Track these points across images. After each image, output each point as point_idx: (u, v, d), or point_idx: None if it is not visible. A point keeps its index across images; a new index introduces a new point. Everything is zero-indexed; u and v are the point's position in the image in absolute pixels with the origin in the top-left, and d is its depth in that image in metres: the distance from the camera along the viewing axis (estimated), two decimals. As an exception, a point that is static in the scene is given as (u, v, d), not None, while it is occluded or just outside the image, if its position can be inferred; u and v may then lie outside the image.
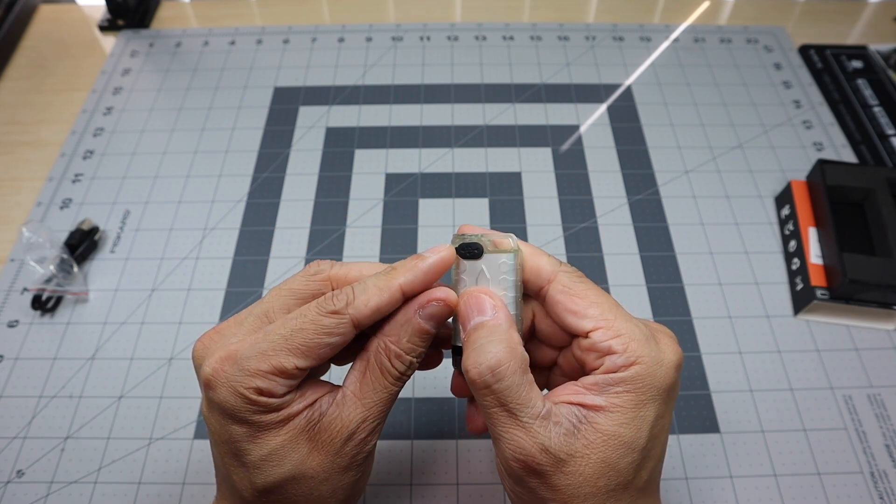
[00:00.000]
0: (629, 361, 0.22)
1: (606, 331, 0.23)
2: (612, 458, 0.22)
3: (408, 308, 0.24)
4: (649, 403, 0.22)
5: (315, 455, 0.23)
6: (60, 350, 0.41)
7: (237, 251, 0.46)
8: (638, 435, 0.22)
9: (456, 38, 0.61)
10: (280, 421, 0.23)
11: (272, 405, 0.23)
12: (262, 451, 0.23)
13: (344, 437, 0.23)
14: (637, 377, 0.22)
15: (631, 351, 0.22)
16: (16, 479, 0.36)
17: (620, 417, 0.22)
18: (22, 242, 0.43)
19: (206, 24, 0.63)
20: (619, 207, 0.48)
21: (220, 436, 0.24)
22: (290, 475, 0.23)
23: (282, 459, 0.23)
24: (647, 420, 0.22)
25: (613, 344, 0.23)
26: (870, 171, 0.45)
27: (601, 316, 0.23)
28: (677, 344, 0.24)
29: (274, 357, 0.22)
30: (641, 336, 0.23)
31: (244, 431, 0.23)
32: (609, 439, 0.22)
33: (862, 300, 0.41)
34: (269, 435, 0.23)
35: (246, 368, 0.22)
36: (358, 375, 0.24)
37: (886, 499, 0.35)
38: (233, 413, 0.23)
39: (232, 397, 0.22)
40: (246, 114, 0.55)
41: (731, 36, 0.61)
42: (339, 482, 0.24)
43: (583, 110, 0.55)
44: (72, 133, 0.53)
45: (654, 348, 0.23)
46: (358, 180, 0.50)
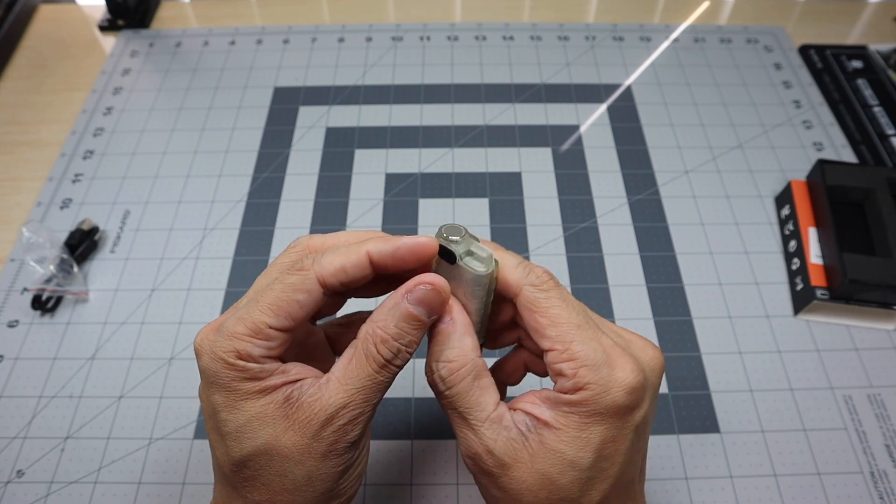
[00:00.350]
0: (576, 387, 0.23)
1: (560, 353, 0.23)
2: (552, 473, 0.23)
3: (396, 292, 0.24)
4: (594, 426, 0.23)
5: (291, 433, 0.23)
6: (60, 350, 0.41)
7: (237, 251, 0.46)
8: (580, 454, 0.23)
9: (456, 38, 0.61)
10: (258, 391, 0.23)
11: (250, 370, 0.23)
12: (238, 420, 0.23)
13: (322, 420, 0.23)
14: (582, 402, 0.22)
15: (579, 377, 0.22)
16: (16, 479, 0.36)
17: (564, 436, 0.23)
18: (22, 242, 0.43)
19: (206, 24, 0.63)
20: (619, 207, 0.48)
21: (206, 409, 0.24)
22: (264, 449, 0.23)
23: (256, 431, 0.23)
24: (592, 442, 0.23)
25: (563, 368, 0.23)
26: (870, 171, 0.45)
27: (558, 338, 0.23)
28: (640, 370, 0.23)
29: (247, 319, 0.23)
30: (593, 361, 0.23)
31: (223, 400, 0.23)
32: (550, 454, 0.23)
33: (862, 300, 0.41)
34: (247, 404, 0.23)
35: (225, 333, 0.23)
36: (344, 361, 0.24)
37: (886, 499, 0.35)
38: (214, 379, 0.23)
39: (213, 363, 0.23)
40: (246, 114, 0.55)
41: (731, 36, 0.61)
42: (316, 469, 0.23)
43: (583, 110, 0.55)
44: (72, 133, 0.53)
45: (604, 374, 0.22)
46: (358, 180, 0.50)
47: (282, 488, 0.23)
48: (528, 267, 0.25)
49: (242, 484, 0.24)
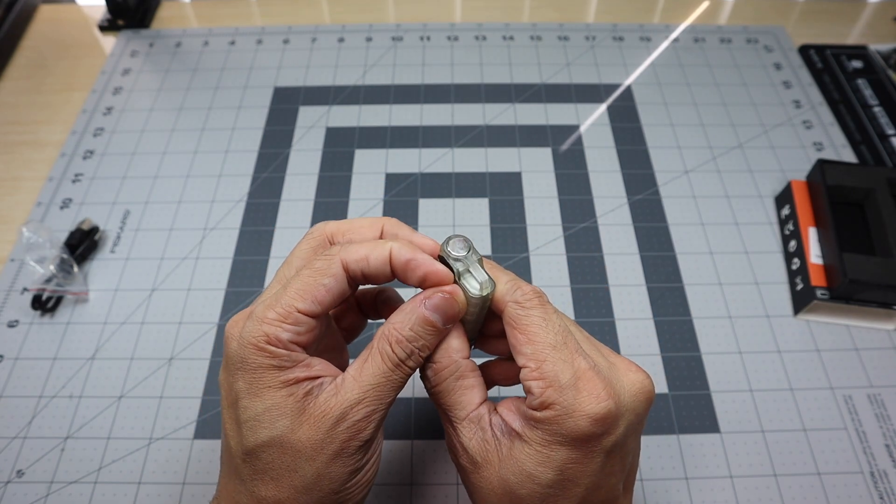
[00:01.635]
0: (542, 405, 0.23)
1: (531, 371, 0.24)
2: (512, 482, 0.24)
3: (416, 298, 0.25)
4: (556, 446, 0.23)
5: (305, 428, 0.23)
6: (60, 350, 0.41)
7: (237, 251, 0.46)
8: (539, 470, 0.23)
9: (456, 38, 0.61)
10: (281, 382, 0.23)
11: (278, 355, 0.23)
12: (257, 408, 0.23)
13: (336, 416, 0.23)
14: (545, 420, 0.23)
15: (546, 396, 0.23)
16: (16, 479, 0.36)
17: (528, 449, 0.23)
18: (22, 242, 0.43)
19: (206, 24, 0.63)
20: (619, 207, 0.48)
21: (227, 396, 0.24)
22: (276, 440, 0.23)
23: (272, 422, 0.23)
24: (554, 460, 0.23)
25: (532, 385, 0.23)
26: (870, 171, 0.45)
27: (532, 355, 0.24)
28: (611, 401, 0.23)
29: (277, 304, 0.23)
30: (560, 383, 0.23)
31: (246, 387, 0.23)
32: (513, 463, 0.24)
33: (862, 300, 0.41)
34: (269, 393, 0.23)
35: (256, 318, 0.23)
36: (360, 361, 0.25)
37: (886, 499, 0.35)
38: (241, 364, 0.23)
39: (241, 348, 0.23)
40: (246, 114, 0.55)
41: (730, 36, 0.61)
42: (325, 468, 0.23)
43: (583, 110, 0.55)
44: (72, 133, 0.53)
45: (568, 397, 0.23)
46: (358, 180, 0.50)
47: (290, 485, 0.23)
48: (516, 284, 0.25)
49: (252, 476, 0.24)
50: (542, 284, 0.44)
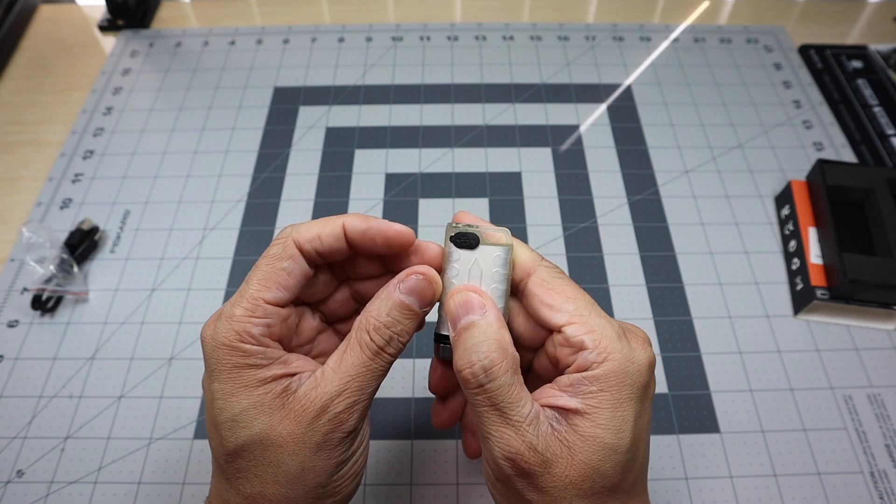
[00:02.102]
0: (601, 357, 0.22)
1: (580, 326, 0.23)
2: (595, 462, 0.22)
3: (389, 283, 0.25)
4: (626, 402, 0.22)
5: (286, 423, 0.23)
6: (60, 350, 0.41)
7: (237, 251, 0.46)
8: (619, 437, 0.22)
9: (456, 38, 0.61)
10: (258, 381, 0.23)
11: (252, 352, 0.23)
12: (234, 409, 0.23)
13: (317, 409, 0.23)
14: (610, 374, 0.22)
15: (602, 347, 0.23)
16: (16, 479, 0.36)
17: (599, 419, 0.22)
18: (22, 242, 0.43)
19: (206, 24, 0.63)
20: (619, 207, 0.48)
21: (208, 399, 0.24)
22: (258, 438, 0.23)
23: (251, 420, 0.23)
24: (628, 420, 0.22)
25: (586, 339, 0.23)
26: (870, 171, 0.45)
27: (576, 312, 0.23)
28: (650, 346, 0.24)
29: (241, 300, 0.23)
30: (613, 333, 0.23)
31: (222, 388, 0.23)
32: (590, 443, 0.22)
33: (862, 300, 0.41)
34: (244, 393, 0.23)
35: (226, 318, 0.23)
36: (339, 352, 0.24)
37: (886, 499, 0.35)
38: (216, 366, 0.23)
39: (215, 350, 0.23)
40: (246, 114, 0.55)
41: (730, 36, 0.61)
42: (309, 461, 0.23)
43: (583, 110, 0.55)
44: (72, 133, 0.53)
45: (625, 346, 0.23)
46: (358, 180, 0.50)
47: (274, 480, 0.23)
48: (540, 256, 0.26)
49: (236, 475, 0.24)
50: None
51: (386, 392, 0.39)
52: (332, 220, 0.25)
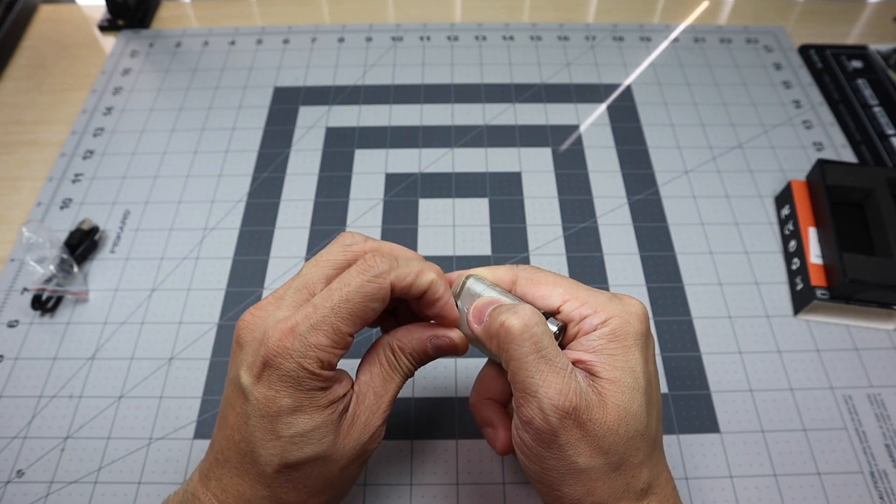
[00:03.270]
0: (603, 319, 0.25)
1: (574, 301, 0.26)
2: (624, 402, 0.24)
3: (424, 330, 0.28)
4: (633, 348, 0.25)
5: (343, 440, 0.25)
6: (60, 350, 0.41)
7: (237, 251, 0.46)
8: (635, 378, 0.25)
9: (456, 38, 0.61)
10: (327, 402, 0.25)
11: (329, 377, 0.25)
12: (303, 426, 0.24)
13: (362, 424, 0.26)
14: (616, 329, 0.25)
15: (602, 310, 0.26)
16: (16, 479, 0.36)
17: (615, 364, 0.25)
18: (22, 242, 0.43)
19: (206, 24, 0.63)
20: (619, 207, 0.48)
21: (266, 409, 0.24)
22: (321, 455, 0.25)
23: (321, 438, 0.25)
24: (638, 363, 0.25)
25: (583, 310, 0.26)
26: (870, 171, 0.45)
27: (565, 292, 0.26)
28: (640, 302, 0.27)
29: (329, 329, 0.24)
30: (606, 298, 0.26)
31: (292, 405, 0.24)
32: (615, 385, 0.24)
33: (862, 300, 0.41)
34: (315, 413, 0.24)
35: (307, 342, 0.24)
36: (367, 369, 0.27)
37: (886, 499, 0.35)
38: (295, 383, 0.24)
39: (297, 370, 0.24)
40: (246, 114, 0.55)
41: (730, 36, 0.61)
42: (349, 471, 0.26)
43: (583, 110, 0.55)
44: (72, 133, 0.53)
45: (619, 304, 0.26)
46: (358, 180, 0.50)
47: (319, 489, 0.25)
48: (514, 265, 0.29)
49: (283, 484, 0.25)
50: (542, 284, 0.44)
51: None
52: (424, 273, 0.26)
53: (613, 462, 0.24)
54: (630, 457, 0.24)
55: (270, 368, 0.24)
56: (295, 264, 0.45)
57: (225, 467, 0.26)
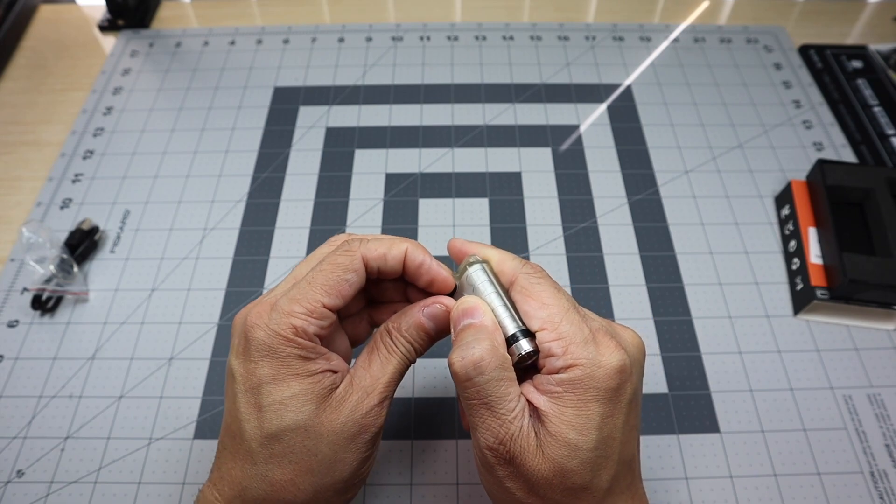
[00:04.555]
0: (567, 364, 0.24)
1: (550, 332, 0.25)
2: (560, 459, 0.23)
3: (415, 305, 0.28)
4: (591, 403, 0.23)
5: (328, 413, 0.25)
6: (60, 350, 0.41)
7: (237, 251, 0.46)
8: (583, 435, 0.23)
9: (456, 38, 0.61)
10: (307, 372, 0.25)
11: (305, 346, 0.25)
12: (281, 394, 0.24)
13: (353, 403, 0.25)
14: (575, 379, 0.24)
15: (569, 354, 0.24)
16: (16, 479, 0.36)
17: (563, 418, 0.23)
18: (22, 242, 0.43)
19: (206, 24, 0.63)
20: (619, 207, 0.48)
21: (248, 382, 0.25)
22: (301, 424, 0.24)
23: (300, 406, 0.24)
24: (592, 420, 0.23)
25: (553, 346, 0.24)
26: (870, 171, 0.45)
27: (548, 318, 0.25)
28: (623, 351, 0.24)
29: (303, 299, 0.25)
30: (581, 339, 0.24)
31: (272, 373, 0.25)
32: (555, 440, 0.23)
33: (862, 300, 0.41)
34: (295, 381, 0.25)
35: (282, 310, 0.25)
36: (365, 355, 0.27)
37: (886, 499, 0.35)
38: (268, 352, 0.25)
39: (270, 337, 0.25)
40: (246, 114, 0.55)
41: (730, 36, 0.61)
42: (342, 453, 0.25)
43: (583, 110, 0.55)
44: (72, 133, 0.53)
45: (592, 351, 0.24)
46: (358, 180, 0.50)
47: (308, 468, 0.25)
48: (522, 261, 0.27)
49: (268, 460, 0.25)
50: (542, 284, 0.44)
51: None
52: (396, 243, 0.27)
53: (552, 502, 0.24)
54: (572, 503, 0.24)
55: (249, 342, 0.25)
56: (295, 264, 0.45)
57: (223, 455, 0.26)
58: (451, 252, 0.29)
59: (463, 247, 0.28)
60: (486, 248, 0.28)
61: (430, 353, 0.41)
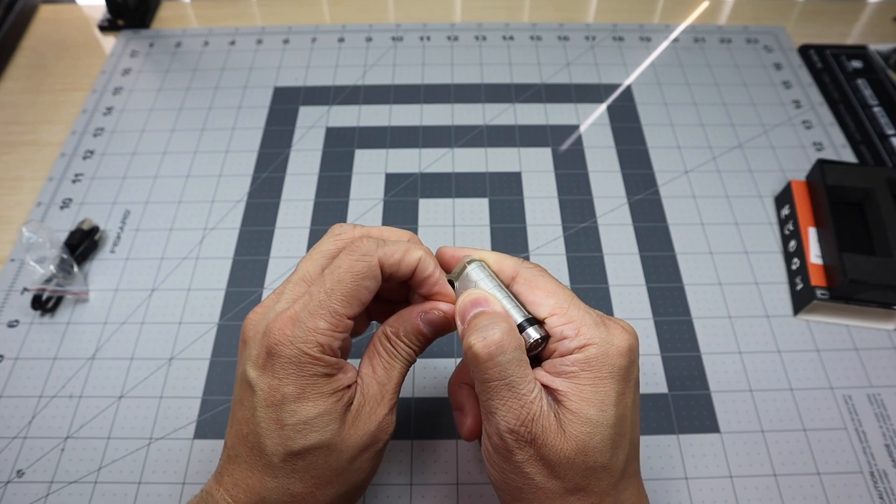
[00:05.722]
0: (581, 344, 0.24)
1: (560, 317, 0.25)
2: (582, 436, 0.24)
3: (413, 309, 0.28)
4: (607, 380, 0.24)
5: (348, 429, 0.25)
6: (60, 350, 0.41)
7: (237, 251, 0.46)
8: (602, 412, 0.24)
9: (456, 38, 0.61)
10: (331, 389, 0.25)
11: (331, 363, 0.25)
12: (308, 413, 0.24)
13: (367, 414, 0.26)
14: (591, 358, 0.24)
15: (582, 334, 0.25)
16: (16, 479, 0.36)
17: (583, 395, 0.24)
18: (22, 242, 0.43)
19: (206, 24, 0.63)
20: (619, 207, 0.48)
21: (271, 398, 0.25)
22: (326, 443, 0.25)
23: (325, 426, 0.24)
24: (610, 396, 0.24)
25: (565, 329, 0.25)
26: (869, 171, 0.45)
27: (556, 305, 0.25)
28: (629, 333, 0.25)
29: (326, 313, 0.25)
30: (592, 322, 0.25)
31: (295, 392, 0.24)
32: (576, 417, 0.24)
33: (862, 300, 0.41)
34: (320, 400, 0.25)
35: (307, 327, 0.24)
36: (367, 360, 0.27)
37: (886, 499, 0.35)
38: (296, 370, 0.24)
39: (296, 355, 0.24)
40: (246, 114, 0.55)
41: (730, 36, 0.61)
42: (357, 463, 0.26)
43: (583, 110, 0.55)
44: (72, 133, 0.53)
45: (603, 332, 0.25)
46: (358, 180, 0.50)
47: (327, 481, 0.25)
48: (521, 259, 0.28)
49: (290, 474, 0.25)
50: (542, 284, 0.44)
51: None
52: (412, 250, 0.26)
53: (570, 487, 0.24)
54: (590, 485, 0.24)
55: (273, 357, 0.24)
56: (295, 264, 0.45)
57: (236, 462, 0.26)
58: (442, 261, 0.29)
59: (455, 252, 0.29)
60: (480, 251, 0.28)
61: (431, 354, 0.41)
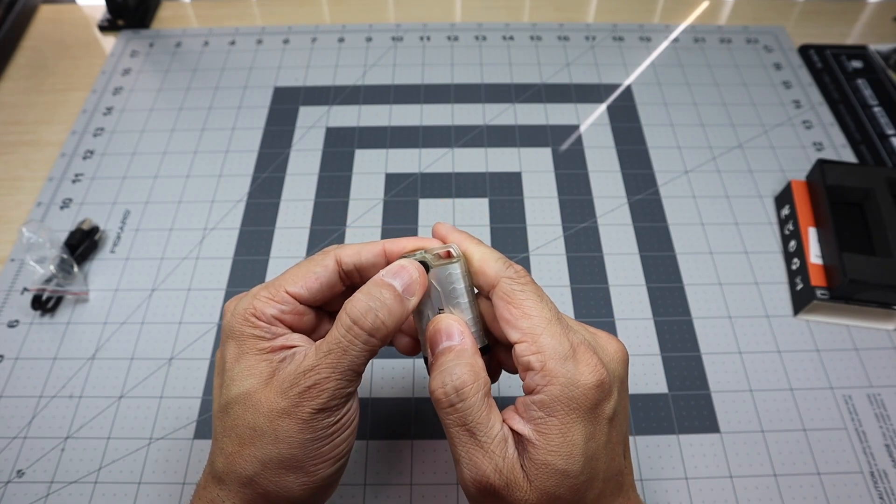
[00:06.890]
0: (545, 381, 0.23)
1: (529, 345, 0.24)
2: (550, 488, 0.23)
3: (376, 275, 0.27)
4: (573, 426, 0.23)
5: (268, 388, 0.25)
6: (60, 350, 0.41)
7: (237, 251, 0.46)
8: (569, 462, 0.23)
9: (456, 38, 0.61)
10: (259, 349, 0.26)
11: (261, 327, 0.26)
12: (236, 369, 0.26)
13: (291, 379, 0.24)
14: (554, 400, 0.23)
15: (546, 370, 0.23)
16: (16, 479, 0.36)
17: (548, 445, 0.23)
18: (22, 242, 0.43)
19: (206, 24, 0.63)
20: (619, 207, 0.48)
21: (218, 364, 0.27)
22: (243, 396, 0.25)
23: (244, 379, 0.25)
24: (577, 444, 0.23)
25: (532, 360, 0.23)
26: (869, 171, 0.45)
27: (528, 329, 0.24)
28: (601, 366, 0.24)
29: (270, 286, 0.27)
30: (559, 356, 0.23)
31: (233, 353, 0.26)
32: (542, 469, 0.23)
33: (862, 300, 0.41)
34: (248, 357, 0.26)
35: (250, 296, 0.27)
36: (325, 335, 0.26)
37: (886, 499, 0.35)
38: (229, 332, 0.26)
39: (232, 318, 0.26)
40: (246, 114, 0.55)
41: (730, 36, 0.61)
42: (281, 429, 0.24)
43: (583, 110, 0.55)
44: (72, 133, 0.53)
45: (570, 367, 0.23)
46: (358, 180, 0.50)
47: (250, 441, 0.24)
48: (507, 262, 0.26)
49: (222, 433, 0.26)
50: (543, 284, 0.43)
51: (386, 392, 0.39)
52: (373, 242, 0.28)
53: None
54: None
55: (224, 331, 0.27)
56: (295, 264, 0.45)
57: None
58: (435, 236, 0.28)
59: (448, 233, 0.28)
60: (469, 242, 0.27)
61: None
